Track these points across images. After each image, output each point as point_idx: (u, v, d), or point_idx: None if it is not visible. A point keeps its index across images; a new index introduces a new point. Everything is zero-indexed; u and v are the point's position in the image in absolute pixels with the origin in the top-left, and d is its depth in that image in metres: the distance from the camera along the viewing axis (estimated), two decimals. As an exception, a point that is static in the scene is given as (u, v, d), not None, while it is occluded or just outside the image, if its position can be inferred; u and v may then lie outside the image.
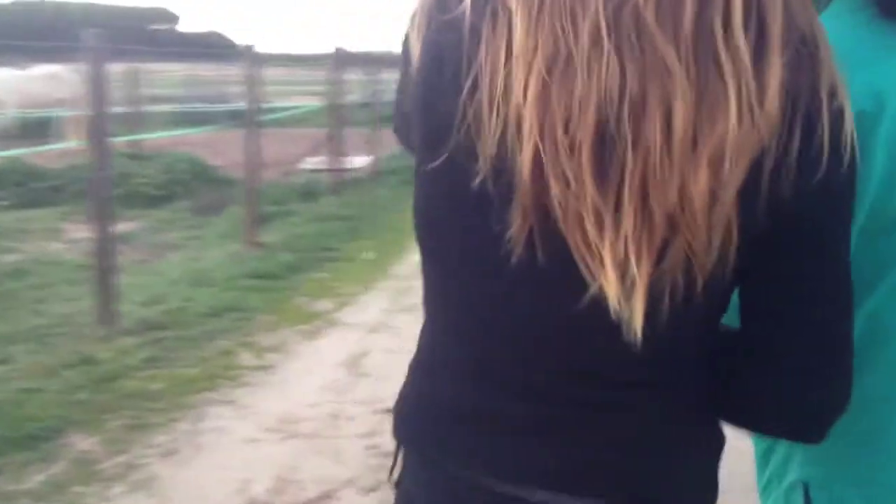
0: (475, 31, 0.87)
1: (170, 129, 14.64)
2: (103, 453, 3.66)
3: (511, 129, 0.84)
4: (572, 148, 0.82)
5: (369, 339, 5.27)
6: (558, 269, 0.87)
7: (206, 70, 28.47)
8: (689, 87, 0.79)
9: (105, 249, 5.35)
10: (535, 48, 0.83)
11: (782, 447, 1.19)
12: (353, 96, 14.35)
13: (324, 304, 6.02)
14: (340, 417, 4.11)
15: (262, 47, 8.35)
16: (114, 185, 5.69)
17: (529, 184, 0.84)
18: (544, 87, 0.82)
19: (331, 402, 4.30)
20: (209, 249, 7.82)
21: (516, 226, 0.86)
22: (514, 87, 0.84)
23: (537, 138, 0.83)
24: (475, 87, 0.86)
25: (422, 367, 1.06)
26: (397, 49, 1.03)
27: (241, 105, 8.16)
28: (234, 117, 19.25)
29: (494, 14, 0.86)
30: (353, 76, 14.08)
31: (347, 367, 4.78)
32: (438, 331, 1.03)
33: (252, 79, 7.53)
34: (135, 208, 9.53)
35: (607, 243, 0.82)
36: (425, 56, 0.93)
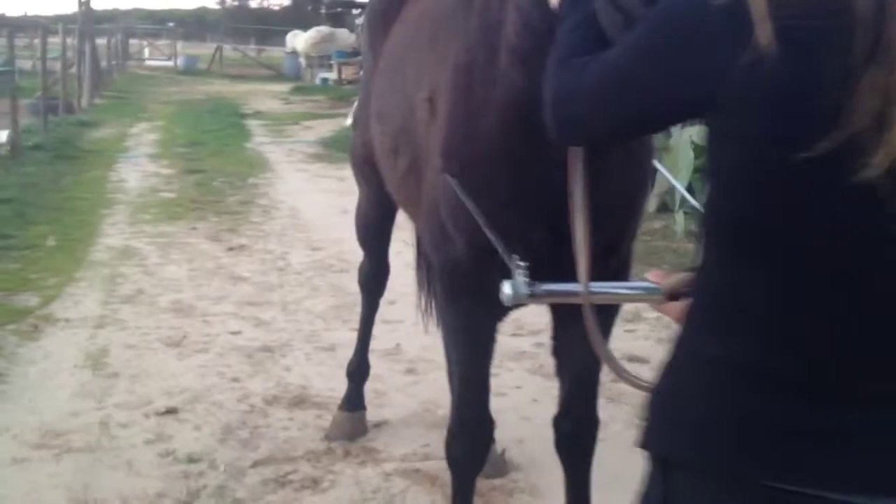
0: (869, 19, 0.88)
1: None
2: None
3: None
4: None
5: (101, 335, 4.77)
6: None
7: None
8: None
9: None
10: None
11: None
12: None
13: (27, 300, 5.35)
14: (111, 425, 3.70)
15: None
16: None
17: None
18: None
19: (92, 409, 3.85)
20: None
21: None
22: None
23: None
24: (879, 76, 0.88)
25: (742, 381, 1.03)
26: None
27: None
28: None
29: None
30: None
31: (92, 369, 4.29)
32: (772, 339, 1.01)
33: None
34: None
35: None
36: (789, 42, 0.91)
